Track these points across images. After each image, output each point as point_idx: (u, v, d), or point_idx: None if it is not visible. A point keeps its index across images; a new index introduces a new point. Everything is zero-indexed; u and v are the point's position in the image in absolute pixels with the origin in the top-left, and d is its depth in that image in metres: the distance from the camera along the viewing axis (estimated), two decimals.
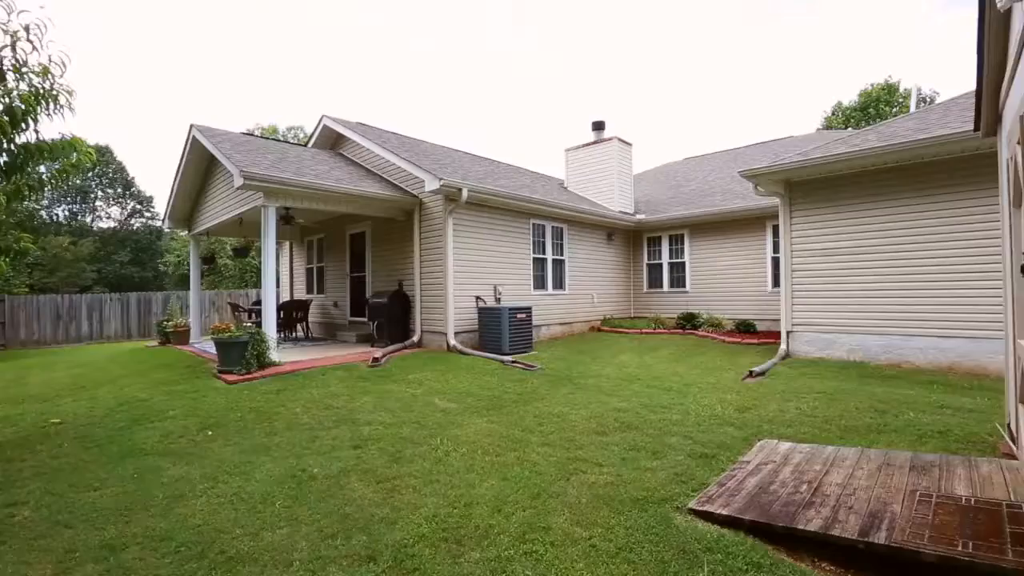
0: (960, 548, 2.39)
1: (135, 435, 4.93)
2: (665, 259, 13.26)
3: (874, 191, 7.62)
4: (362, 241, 11.34)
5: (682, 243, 12.92)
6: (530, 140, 72.62)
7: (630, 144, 14.16)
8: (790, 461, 3.71)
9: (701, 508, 3.02)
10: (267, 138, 15.18)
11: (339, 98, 60.54)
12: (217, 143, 8.83)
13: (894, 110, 28.95)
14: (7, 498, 3.58)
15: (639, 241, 13.79)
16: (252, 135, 13.86)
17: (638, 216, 13.34)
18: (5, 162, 4.03)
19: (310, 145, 12.37)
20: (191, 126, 9.64)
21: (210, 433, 4.90)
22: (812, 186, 8.19)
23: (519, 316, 9.10)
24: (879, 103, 29.72)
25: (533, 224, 10.89)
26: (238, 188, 7.83)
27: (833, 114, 32.27)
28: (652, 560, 2.58)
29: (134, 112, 54.35)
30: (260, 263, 10.00)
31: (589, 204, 12.95)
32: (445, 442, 4.45)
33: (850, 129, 21.66)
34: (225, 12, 55.09)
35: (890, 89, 30.08)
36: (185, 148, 10.16)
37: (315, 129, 12.22)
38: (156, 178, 45.82)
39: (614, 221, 12.91)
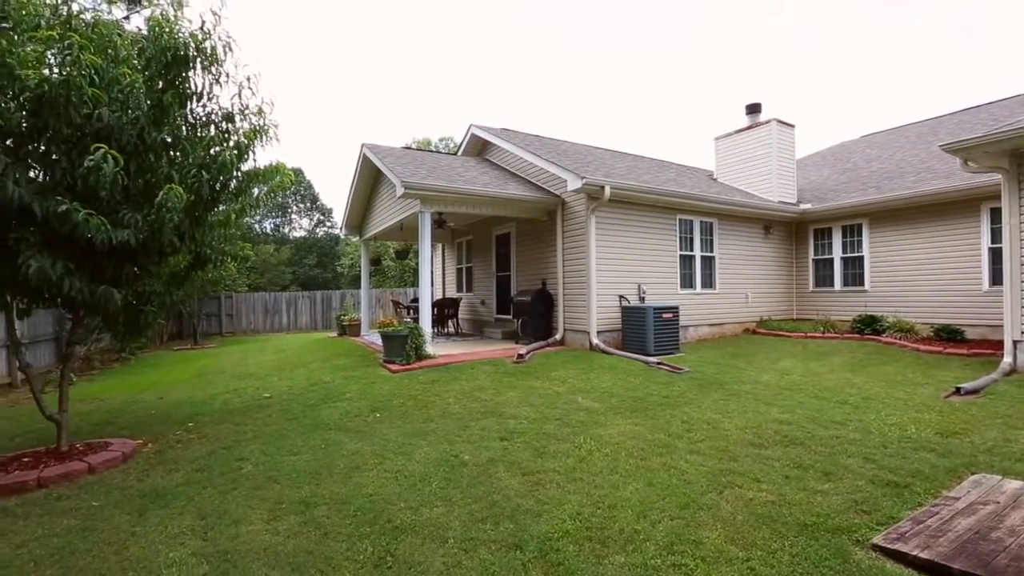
0: None
1: (322, 412, 5.81)
2: (837, 253, 11.55)
3: None
4: (507, 242, 11.86)
5: (859, 234, 11.13)
6: (675, 133, 68.94)
7: (792, 126, 12.61)
8: (1021, 504, 2.97)
9: (890, 546, 2.57)
10: (422, 150, 16.71)
11: (483, 105, 64.13)
12: (382, 158, 9.96)
13: None
14: (238, 454, 4.48)
15: (803, 234, 12.22)
16: (410, 148, 15.37)
17: (802, 206, 11.83)
18: (235, 186, 5.04)
19: (459, 153, 13.31)
20: (362, 145, 11.01)
21: (378, 415, 5.56)
22: None
23: (665, 316, 8.70)
24: None
25: (679, 219, 10.31)
26: (400, 197, 8.74)
27: None
28: None
29: (313, 134, 63.91)
30: (417, 264, 11.04)
31: (743, 195, 11.86)
32: (588, 441, 4.44)
33: None
34: (384, 37, 61.98)
35: None
36: (357, 164, 11.65)
37: (463, 138, 13.10)
38: (332, 192, 53.44)
39: (772, 212, 11.63)
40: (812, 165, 15.40)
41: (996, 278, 8.80)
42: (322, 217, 41.67)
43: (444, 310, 12.36)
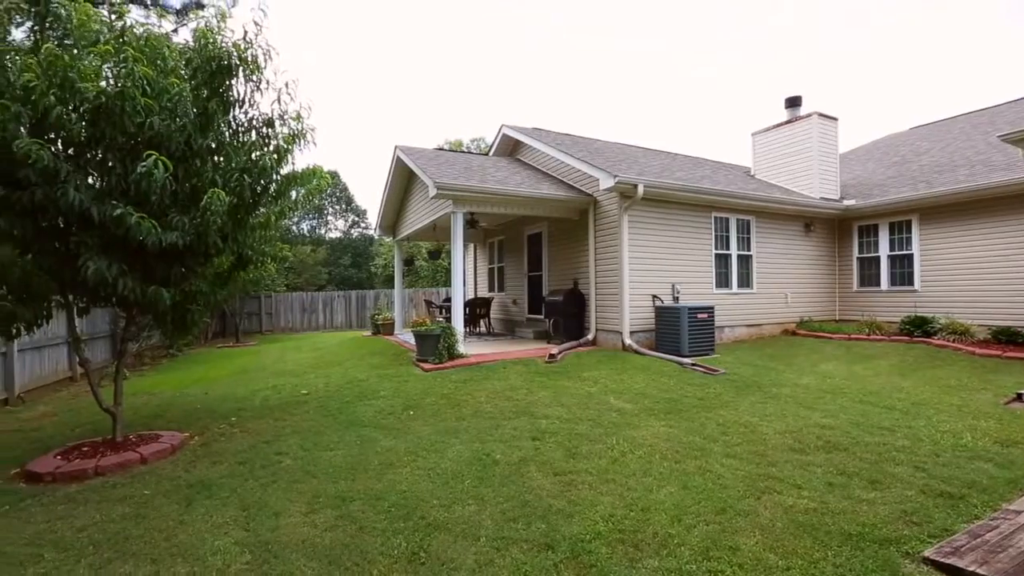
0: None
1: (357, 409, 5.94)
2: (883, 251, 11.03)
3: None
4: (539, 241, 11.84)
5: (908, 231, 10.59)
6: (709, 131, 67.32)
7: (835, 119, 12.10)
8: None
9: (944, 560, 2.44)
10: (454, 151, 16.87)
11: (515, 105, 64.17)
12: (415, 159, 10.10)
13: None
14: (277, 448, 4.64)
15: (847, 231, 11.72)
16: (442, 149, 15.55)
17: (846, 202, 11.35)
18: (275, 189, 5.21)
19: (491, 153, 13.37)
20: (395, 147, 11.20)
21: (411, 413, 5.64)
22: None
23: (699, 316, 8.51)
24: None
25: (715, 217, 10.07)
26: (432, 197, 8.85)
27: None
28: None
29: (348, 137, 65.35)
30: (449, 264, 11.14)
31: (781, 192, 11.48)
32: (621, 442, 4.39)
33: None
34: (417, 39, 62.88)
35: None
36: (391, 166, 11.85)
37: (495, 138, 13.15)
38: (366, 193, 54.51)
39: (813, 209, 11.21)
40: (856, 159, 14.77)
41: None
42: (357, 218, 42.62)
43: (476, 310, 12.43)
